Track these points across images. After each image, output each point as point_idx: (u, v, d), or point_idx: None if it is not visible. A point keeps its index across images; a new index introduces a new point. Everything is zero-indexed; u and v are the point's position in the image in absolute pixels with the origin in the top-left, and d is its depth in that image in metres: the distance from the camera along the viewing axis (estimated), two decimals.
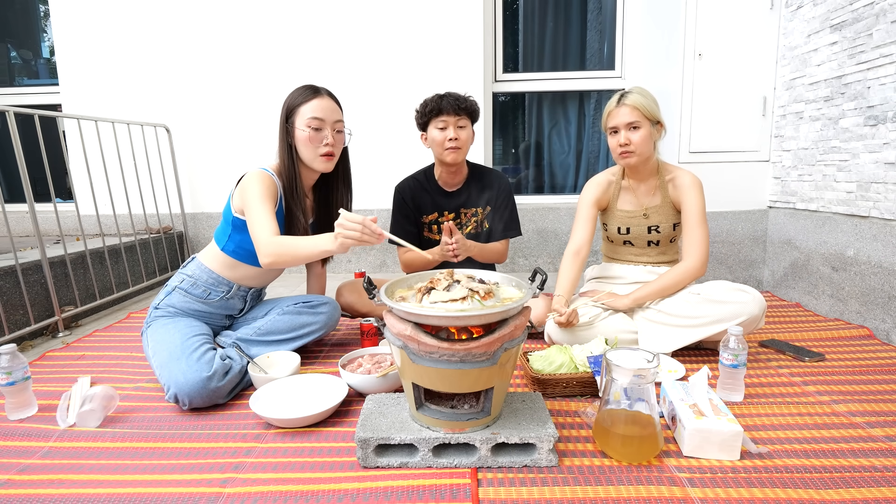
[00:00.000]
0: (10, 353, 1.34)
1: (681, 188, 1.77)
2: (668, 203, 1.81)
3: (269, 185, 1.51)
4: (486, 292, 1.09)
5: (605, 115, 1.77)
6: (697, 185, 1.77)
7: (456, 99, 1.88)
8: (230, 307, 1.70)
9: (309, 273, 1.98)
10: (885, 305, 1.88)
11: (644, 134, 1.69)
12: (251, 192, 1.48)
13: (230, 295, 1.66)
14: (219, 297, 1.64)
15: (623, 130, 1.70)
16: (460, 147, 1.91)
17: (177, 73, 2.98)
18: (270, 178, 1.54)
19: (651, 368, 1.08)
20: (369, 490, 1.03)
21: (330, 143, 1.56)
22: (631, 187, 1.85)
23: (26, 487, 1.06)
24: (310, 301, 1.76)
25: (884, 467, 1.08)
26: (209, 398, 1.37)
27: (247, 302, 1.74)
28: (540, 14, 3.21)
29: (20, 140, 1.97)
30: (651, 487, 1.02)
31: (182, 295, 1.61)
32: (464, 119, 1.91)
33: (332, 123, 1.57)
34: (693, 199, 1.75)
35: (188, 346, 1.43)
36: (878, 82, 1.92)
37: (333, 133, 1.57)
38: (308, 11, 2.89)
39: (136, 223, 2.84)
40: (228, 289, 1.65)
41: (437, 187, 2.06)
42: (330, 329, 1.79)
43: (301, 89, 1.58)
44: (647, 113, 1.68)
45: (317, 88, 1.58)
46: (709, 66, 2.58)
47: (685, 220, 1.77)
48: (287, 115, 1.57)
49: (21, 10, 3.40)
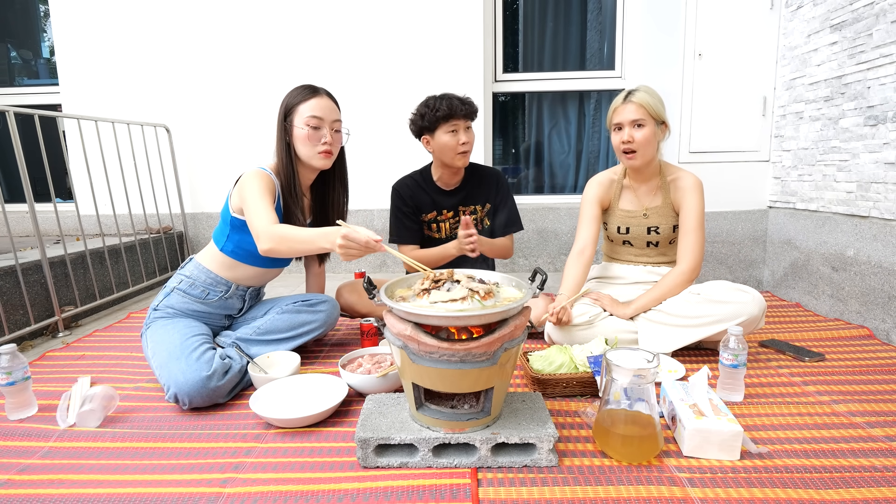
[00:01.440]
0: (10, 353, 1.34)
1: (682, 190, 1.77)
2: (668, 205, 1.81)
3: (268, 182, 1.52)
4: (486, 292, 1.09)
5: (610, 111, 1.76)
6: (699, 188, 1.76)
7: (463, 102, 1.88)
8: (229, 307, 1.70)
9: (308, 272, 1.98)
10: (885, 305, 1.88)
11: (648, 133, 1.69)
12: (249, 188, 1.49)
13: (229, 294, 1.66)
14: (217, 297, 1.64)
15: (627, 127, 1.69)
16: (470, 150, 1.92)
17: (177, 73, 2.98)
18: (268, 176, 1.55)
19: (651, 368, 1.08)
20: (369, 490, 1.03)
21: (328, 142, 1.57)
22: (632, 187, 1.85)
23: (26, 487, 1.06)
24: (308, 300, 1.76)
25: (884, 467, 1.08)
26: (209, 397, 1.37)
27: (245, 301, 1.74)
28: (540, 14, 3.21)
29: (20, 140, 1.97)
30: (651, 487, 1.02)
31: (180, 296, 1.61)
32: (469, 122, 1.92)
33: (331, 123, 1.58)
34: (693, 202, 1.75)
35: (187, 345, 1.43)
36: (878, 82, 1.92)
37: (331, 132, 1.58)
38: (308, 12, 2.89)
39: (136, 223, 2.84)
40: (227, 288, 1.65)
41: (435, 187, 2.06)
42: (329, 327, 1.79)
43: (300, 88, 1.59)
44: (653, 112, 1.68)
45: (316, 88, 1.60)
46: (709, 66, 2.58)
47: (683, 223, 1.77)
48: (286, 114, 1.58)
49: (21, 10, 3.40)
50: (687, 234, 1.74)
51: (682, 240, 1.76)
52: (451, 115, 1.86)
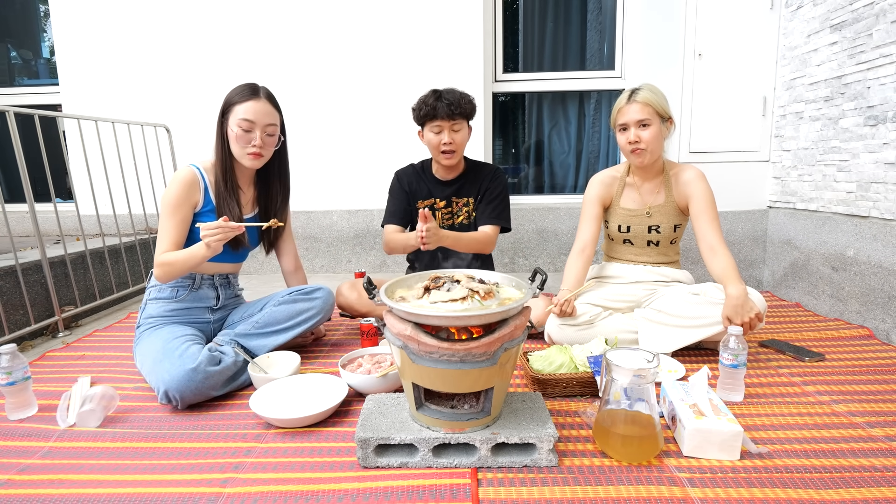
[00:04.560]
0: (10, 353, 1.34)
1: (685, 183, 1.76)
2: (671, 202, 1.80)
3: (184, 189, 1.57)
4: (486, 292, 1.09)
5: (615, 111, 1.76)
6: (702, 177, 1.75)
7: (450, 104, 1.84)
8: (203, 297, 1.70)
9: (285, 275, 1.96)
10: (885, 305, 1.88)
11: (654, 131, 1.68)
12: (164, 200, 1.57)
13: (196, 285, 1.68)
14: (187, 291, 1.66)
15: (633, 128, 1.69)
16: (455, 150, 1.91)
17: (177, 73, 2.98)
18: (190, 177, 1.58)
19: (651, 368, 1.08)
20: (369, 490, 1.03)
21: (258, 145, 1.59)
22: (635, 185, 1.85)
23: (26, 487, 1.06)
24: (303, 289, 1.78)
25: (884, 467, 1.08)
26: (198, 390, 1.37)
27: (218, 290, 1.73)
28: (540, 14, 3.21)
29: (20, 140, 1.97)
30: (651, 487, 1.02)
31: (154, 303, 1.64)
32: (459, 122, 1.89)
33: (264, 126, 1.59)
34: (700, 189, 1.73)
35: (171, 347, 1.45)
36: (878, 82, 1.92)
37: (263, 135, 1.60)
38: (308, 11, 2.89)
39: (137, 223, 2.84)
40: (192, 280, 1.67)
41: (433, 177, 2.07)
42: (326, 315, 1.79)
43: (241, 88, 1.61)
44: (659, 109, 1.68)
45: (255, 89, 1.60)
46: (709, 66, 2.58)
47: (699, 214, 1.71)
48: (223, 111, 1.61)
49: (21, 10, 3.40)
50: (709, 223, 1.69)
51: (706, 231, 1.69)
52: (434, 116, 1.86)
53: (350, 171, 3.02)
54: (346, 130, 3.01)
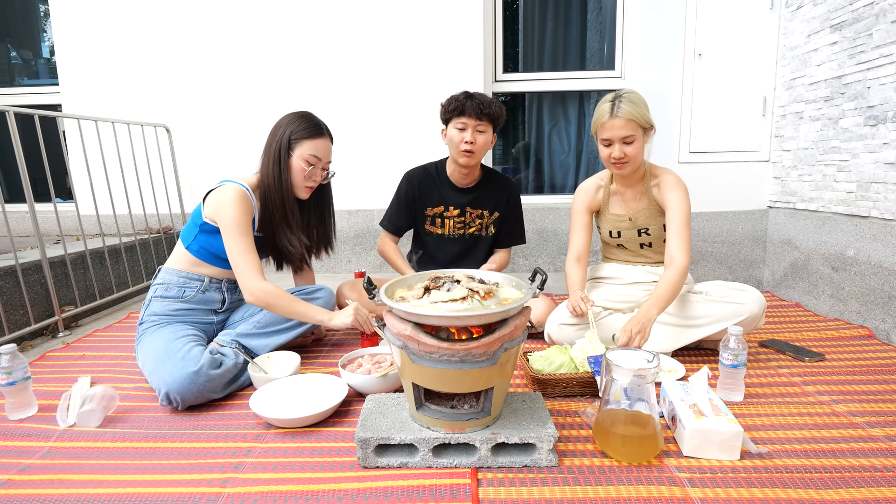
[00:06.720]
0: (10, 353, 1.34)
1: (664, 189, 1.74)
2: (653, 205, 1.79)
3: (246, 208, 1.56)
4: (486, 292, 1.09)
5: (596, 124, 1.69)
6: (681, 184, 1.73)
7: (480, 103, 1.87)
8: (210, 300, 1.70)
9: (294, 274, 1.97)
10: (885, 305, 1.88)
11: (638, 145, 1.65)
12: (228, 217, 1.52)
13: (205, 287, 1.67)
14: (195, 292, 1.66)
15: (617, 144, 1.65)
16: (475, 151, 1.90)
17: (177, 73, 2.97)
18: (247, 197, 1.57)
19: (651, 368, 1.08)
20: (369, 490, 1.03)
21: (317, 180, 1.68)
22: (619, 191, 1.84)
23: (26, 487, 1.06)
24: (304, 289, 1.79)
25: (884, 467, 1.08)
26: (199, 393, 1.37)
27: (224, 293, 1.73)
28: (540, 14, 3.21)
29: (20, 140, 1.97)
30: (651, 487, 1.02)
31: (160, 301, 1.63)
32: (484, 124, 1.89)
33: (324, 164, 1.67)
34: (676, 198, 1.70)
35: (173, 348, 1.44)
36: (878, 82, 1.92)
37: (320, 171, 1.68)
38: (308, 12, 2.89)
39: (136, 223, 2.84)
40: (201, 282, 1.67)
41: (448, 181, 2.06)
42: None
43: (307, 123, 1.64)
44: (642, 122, 1.63)
45: (321, 128, 1.66)
46: (709, 66, 2.58)
47: (670, 219, 1.70)
48: (289, 141, 1.62)
49: (21, 10, 3.40)
50: (678, 230, 1.68)
51: (673, 235, 1.68)
52: (462, 112, 1.88)
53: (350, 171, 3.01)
54: (345, 130, 3.00)
